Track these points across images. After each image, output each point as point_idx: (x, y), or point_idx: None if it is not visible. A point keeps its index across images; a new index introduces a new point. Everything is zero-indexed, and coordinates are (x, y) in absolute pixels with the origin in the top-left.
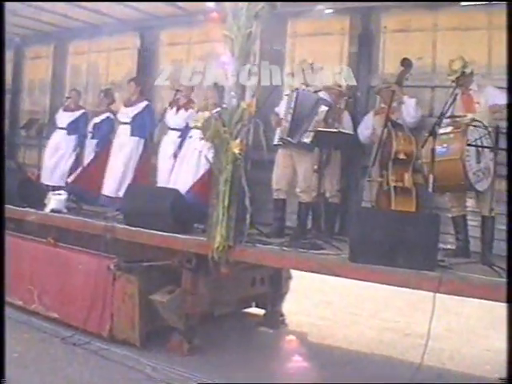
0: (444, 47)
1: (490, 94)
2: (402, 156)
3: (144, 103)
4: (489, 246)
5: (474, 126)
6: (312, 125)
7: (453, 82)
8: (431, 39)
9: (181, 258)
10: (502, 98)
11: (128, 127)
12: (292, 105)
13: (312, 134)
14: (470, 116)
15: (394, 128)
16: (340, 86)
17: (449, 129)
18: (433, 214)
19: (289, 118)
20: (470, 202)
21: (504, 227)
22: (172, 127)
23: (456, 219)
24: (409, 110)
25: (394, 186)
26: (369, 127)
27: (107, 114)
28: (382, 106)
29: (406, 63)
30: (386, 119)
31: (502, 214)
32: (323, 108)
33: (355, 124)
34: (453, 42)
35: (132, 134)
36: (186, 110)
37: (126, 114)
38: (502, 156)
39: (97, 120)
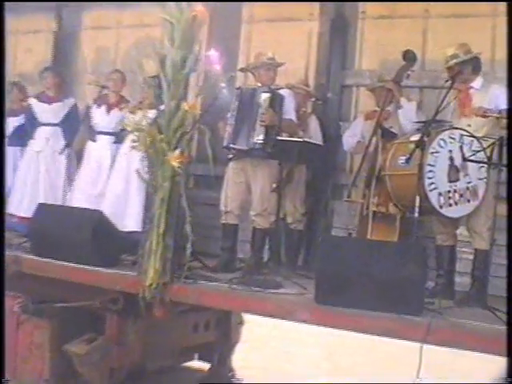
0: (436, 38)
1: (494, 95)
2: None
3: (71, 100)
4: (482, 284)
5: (468, 134)
6: (258, 119)
7: (446, 81)
8: (421, 28)
9: (104, 298)
10: (505, 101)
11: (55, 130)
12: (235, 106)
13: (262, 130)
14: (465, 121)
15: (383, 137)
16: (307, 85)
17: (418, 136)
18: (419, 244)
19: (232, 120)
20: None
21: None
22: (103, 131)
23: (440, 249)
24: (409, 116)
25: (374, 211)
26: (356, 134)
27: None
28: (376, 108)
29: (408, 56)
30: (375, 125)
31: (502, 244)
32: (264, 96)
33: (325, 132)
34: (447, 31)
35: (64, 139)
36: (120, 109)
37: (51, 113)
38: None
39: (15, 122)
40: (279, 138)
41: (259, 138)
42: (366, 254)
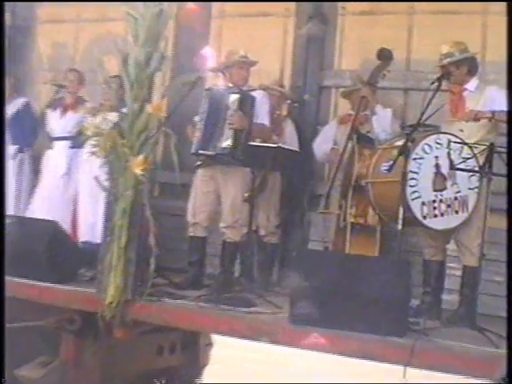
0: (422, 36)
1: (490, 98)
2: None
3: (22, 100)
4: (471, 303)
5: (457, 140)
6: (226, 122)
7: (433, 82)
8: (405, 25)
9: (60, 318)
10: (503, 104)
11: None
12: (205, 108)
13: (231, 133)
14: (457, 126)
15: (359, 143)
16: (282, 86)
17: (402, 141)
18: (402, 259)
19: (202, 125)
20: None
21: (500, 278)
22: (58, 136)
23: (428, 265)
24: (383, 125)
25: (352, 223)
26: (329, 140)
27: None
28: (351, 112)
29: (383, 55)
30: (350, 130)
31: (494, 259)
32: (233, 97)
33: (301, 136)
34: (434, 29)
35: (12, 143)
36: (77, 111)
37: None
38: (497, 184)
39: None
40: (251, 143)
41: (227, 142)
42: (344, 270)
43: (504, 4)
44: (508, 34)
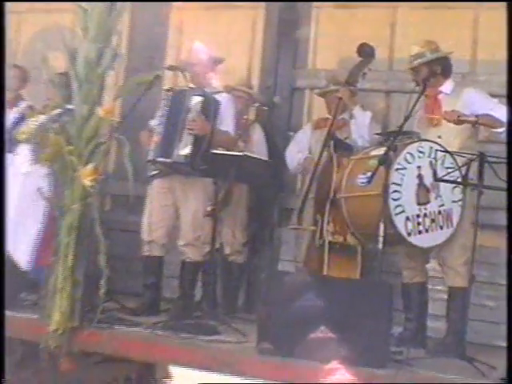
0: (406, 33)
1: (469, 101)
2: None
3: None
4: (459, 330)
5: (441, 149)
6: (186, 127)
7: (417, 85)
8: (388, 21)
9: None
10: (485, 107)
11: None
12: (165, 111)
13: (190, 140)
14: (434, 132)
15: (337, 151)
16: (249, 87)
17: (382, 150)
18: (383, 282)
19: (161, 129)
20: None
21: (492, 303)
22: None
23: (408, 288)
24: (360, 131)
25: (330, 242)
26: (303, 148)
27: None
28: (328, 116)
29: (364, 51)
30: (326, 136)
31: (485, 282)
32: (195, 100)
33: (270, 144)
34: (420, 26)
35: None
36: (15, 111)
37: None
38: (490, 197)
39: None
40: (214, 151)
41: (185, 150)
42: (319, 294)
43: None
44: (508, 34)
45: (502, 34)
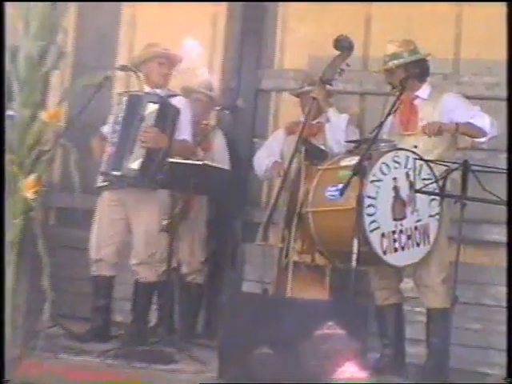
0: (383, 30)
1: (448, 107)
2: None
3: None
4: (441, 355)
5: (421, 158)
6: (137, 135)
7: (393, 88)
8: (363, 17)
9: None
10: (465, 114)
11: None
12: (119, 118)
13: (142, 153)
14: (410, 140)
15: (308, 159)
16: (210, 89)
17: (354, 159)
18: (357, 305)
19: (114, 138)
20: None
21: (477, 325)
22: None
23: (382, 311)
24: (336, 136)
25: (296, 261)
26: (273, 153)
27: None
28: (302, 119)
29: (341, 44)
30: (297, 141)
31: (469, 303)
32: (150, 107)
33: (234, 152)
34: (397, 22)
35: None
36: None
37: None
38: (472, 210)
39: None
40: (171, 160)
41: (134, 164)
42: (287, 319)
43: None
44: (508, 34)
45: (486, 31)
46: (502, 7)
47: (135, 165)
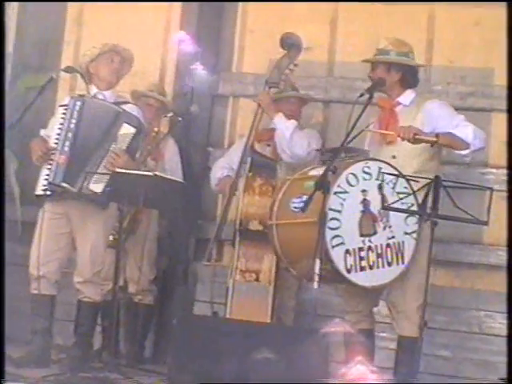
0: (349, 33)
1: (430, 115)
2: (255, 226)
3: None
4: None
5: (393, 171)
6: (106, 159)
7: (361, 95)
8: (329, 16)
9: None
10: (449, 124)
11: None
12: (72, 124)
13: (106, 176)
14: (389, 151)
15: (253, 169)
16: (162, 94)
17: (322, 170)
18: (316, 330)
19: (66, 147)
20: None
21: (447, 353)
22: None
23: (350, 335)
24: (281, 142)
25: (236, 281)
26: (231, 164)
27: None
28: (273, 126)
29: (289, 42)
30: (243, 151)
31: (440, 328)
32: (127, 129)
33: (187, 162)
34: (365, 23)
35: None
36: None
37: None
38: (444, 228)
39: None
40: (118, 170)
41: (97, 187)
42: (240, 343)
43: None
44: (508, 34)
45: (460, 37)
46: (476, 10)
47: (98, 188)
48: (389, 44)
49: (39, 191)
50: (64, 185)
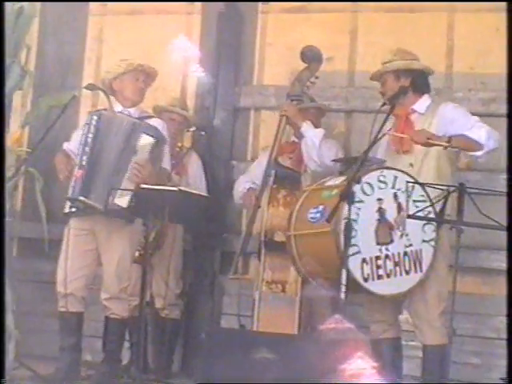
0: (370, 42)
1: (445, 118)
2: (280, 237)
3: None
4: None
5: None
6: (129, 172)
7: (383, 104)
8: (348, 26)
9: None
10: (463, 126)
11: None
12: (89, 139)
13: (131, 187)
14: (405, 159)
15: (277, 182)
16: (184, 108)
17: (339, 179)
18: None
19: (84, 161)
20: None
21: (477, 360)
22: None
23: (376, 345)
24: (310, 152)
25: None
26: (255, 178)
27: None
28: (295, 139)
29: (309, 55)
30: (267, 164)
31: (468, 335)
32: (146, 139)
33: (210, 176)
34: (386, 32)
35: None
36: None
37: None
38: (470, 236)
39: None
40: (143, 185)
41: (124, 199)
42: (269, 356)
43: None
44: (508, 34)
45: (481, 43)
46: (498, 16)
47: (123, 202)
48: (393, 55)
49: (67, 209)
50: (81, 198)
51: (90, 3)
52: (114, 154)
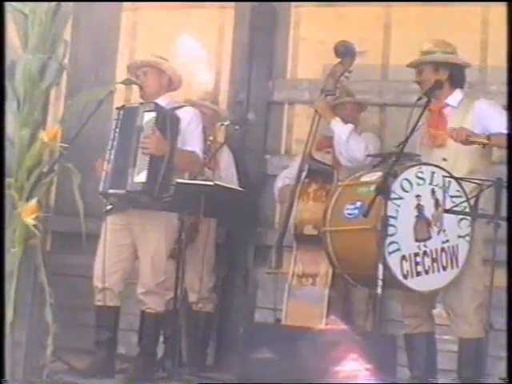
0: (404, 36)
1: (481, 116)
2: (309, 230)
3: None
4: None
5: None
6: (138, 148)
7: (419, 98)
8: (382, 21)
9: None
10: (500, 124)
11: None
12: (116, 133)
13: (146, 163)
14: (439, 153)
15: (309, 176)
16: (216, 102)
17: (375, 175)
18: (385, 334)
19: (112, 155)
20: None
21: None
22: None
23: (412, 340)
24: (338, 148)
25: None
26: (291, 174)
27: None
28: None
29: (343, 50)
30: (301, 159)
31: (502, 330)
32: (147, 116)
33: (243, 170)
34: (419, 27)
35: None
36: None
37: None
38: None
39: None
40: (179, 180)
41: (140, 176)
42: (304, 350)
43: None
44: (508, 34)
45: None
46: None
47: (141, 177)
48: (433, 45)
49: (107, 207)
50: (111, 191)
51: None
52: (129, 142)
